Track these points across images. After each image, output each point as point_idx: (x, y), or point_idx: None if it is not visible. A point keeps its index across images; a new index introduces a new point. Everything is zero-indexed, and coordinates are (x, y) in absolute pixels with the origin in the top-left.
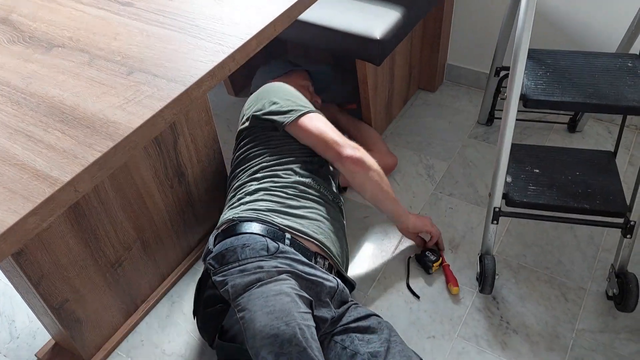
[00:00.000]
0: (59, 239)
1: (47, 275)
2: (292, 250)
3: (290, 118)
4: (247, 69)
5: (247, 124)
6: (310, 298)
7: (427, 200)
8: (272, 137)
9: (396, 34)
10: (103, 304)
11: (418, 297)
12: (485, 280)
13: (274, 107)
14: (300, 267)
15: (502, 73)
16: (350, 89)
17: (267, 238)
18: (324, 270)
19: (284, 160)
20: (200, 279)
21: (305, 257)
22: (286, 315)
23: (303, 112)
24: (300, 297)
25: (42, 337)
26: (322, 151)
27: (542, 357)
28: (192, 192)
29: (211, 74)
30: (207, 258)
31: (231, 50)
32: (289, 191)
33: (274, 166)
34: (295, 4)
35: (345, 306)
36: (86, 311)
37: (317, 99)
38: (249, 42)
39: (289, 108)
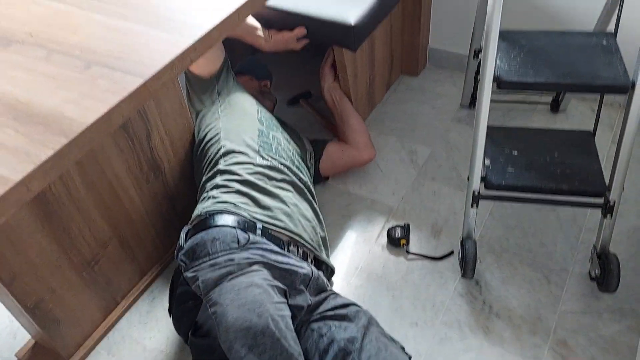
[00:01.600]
0: (29, 239)
1: (20, 275)
2: (264, 240)
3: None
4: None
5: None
6: (284, 287)
7: (410, 186)
8: (219, 119)
9: (372, 19)
10: (81, 302)
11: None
12: (467, 265)
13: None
14: (273, 256)
15: (481, 55)
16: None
17: (237, 229)
18: (297, 258)
19: (241, 142)
20: (173, 276)
21: (277, 246)
22: (258, 306)
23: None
24: (273, 287)
25: (22, 336)
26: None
27: (524, 341)
28: (170, 186)
29: (170, 65)
30: (179, 254)
31: (192, 41)
32: (254, 179)
33: (233, 152)
34: None
35: (324, 295)
36: (64, 310)
37: (265, 82)
38: (211, 32)
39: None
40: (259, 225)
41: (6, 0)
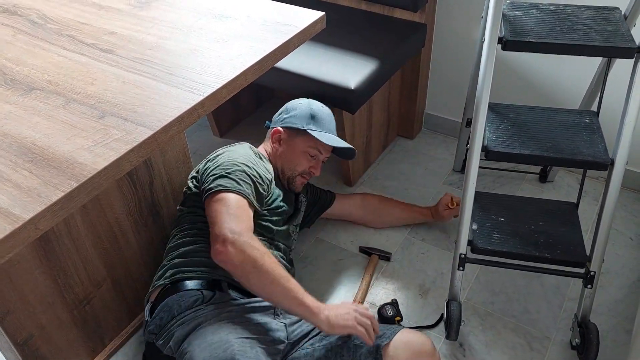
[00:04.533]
0: (27, 274)
1: (14, 311)
2: (230, 292)
3: (209, 191)
4: (234, 112)
5: (189, 182)
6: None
7: (400, 244)
8: None
9: (371, 85)
10: (69, 341)
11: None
12: (451, 327)
13: (209, 171)
14: (238, 302)
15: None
16: None
17: (201, 290)
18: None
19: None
20: (144, 356)
21: (243, 294)
22: (224, 343)
23: (221, 190)
24: (241, 324)
25: None
26: None
27: None
28: (167, 231)
29: (179, 119)
30: (146, 330)
31: (200, 98)
32: None
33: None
34: (266, 56)
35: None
36: (51, 348)
37: (316, 170)
38: (219, 90)
39: (219, 179)
40: (224, 280)
41: (29, 49)
